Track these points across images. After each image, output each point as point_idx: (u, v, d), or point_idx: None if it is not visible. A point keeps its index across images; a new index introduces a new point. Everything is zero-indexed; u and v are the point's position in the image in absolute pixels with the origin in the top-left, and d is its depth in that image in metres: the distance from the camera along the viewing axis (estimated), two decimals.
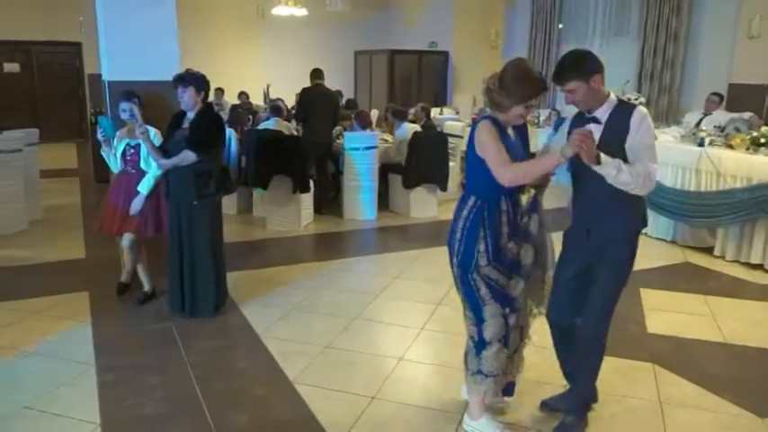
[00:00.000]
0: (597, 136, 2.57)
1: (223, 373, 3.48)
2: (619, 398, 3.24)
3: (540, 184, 2.76)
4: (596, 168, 2.48)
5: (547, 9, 11.39)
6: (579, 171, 2.65)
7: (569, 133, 2.62)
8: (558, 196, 3.01)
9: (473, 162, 2.68)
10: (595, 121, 2.64)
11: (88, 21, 9.97)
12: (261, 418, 3.03)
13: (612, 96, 2.66)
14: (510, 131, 2.76)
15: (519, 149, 2.73)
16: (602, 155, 2.46)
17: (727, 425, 3.02)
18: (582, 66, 2.58)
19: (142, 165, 4.24)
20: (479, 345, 2.78)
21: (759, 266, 5.31)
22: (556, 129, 2.86)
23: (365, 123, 7.25)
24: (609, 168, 2.48)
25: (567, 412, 2.93)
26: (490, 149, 2.57)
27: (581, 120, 2.72)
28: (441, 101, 12.62)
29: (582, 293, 2.79)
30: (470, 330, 2.81)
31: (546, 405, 3.10)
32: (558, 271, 2.86)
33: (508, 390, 3.06)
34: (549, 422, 2.98)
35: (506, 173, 2.53)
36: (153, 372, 3.45)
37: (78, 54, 13.20)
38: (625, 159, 2.54)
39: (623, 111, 2.61)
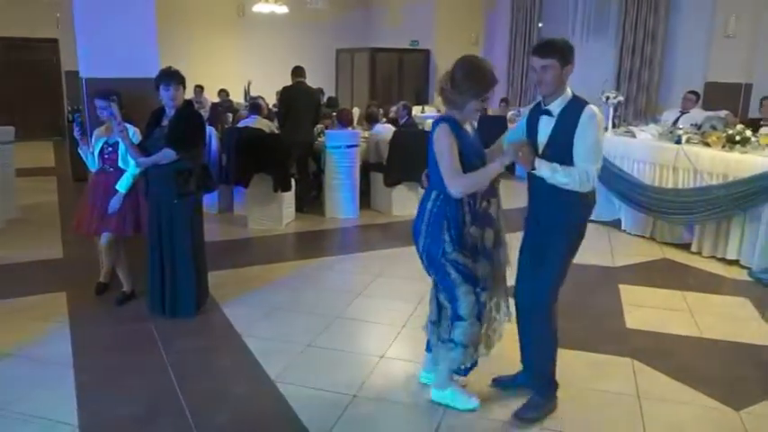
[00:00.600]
0: (549, 128, 2.79)
1: (204, 373, 3.45)
2: (598, 392, 3.28)
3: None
4: (533, 172, 2.75)
5: (527, 8, 11.47)
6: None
7: (528, 124, 2.90)
8: (517, 195, 3.11)
9: (434, 160, 2.83)
10: (548, 113, 2.81)
11: (65, 17, 9.84)
12: (242, 418, 3.01)
13: (569, 92, 2.81)
14: (468, 128, 2.91)
15: (477, 148, 2.92)
16: (537, 160, 2.73)
17: (704, 418, 3.07)
18: (566, 51, 2.76)
19: (120, 163, 4.20)
20: (453, 317, 2.95)
21: (735, 262, 5.40)
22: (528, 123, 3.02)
23: (346, 121, 7.25)
24: (544, 172, 2.72)
25: (533, 391, 3.06)
26: (445, 159, 2.76)
27: (536, 112, 2.89)
28: (422, 99, 12.64)
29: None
30: (447, 305, 2.97)
31: (497, 382, 3.29)
32: (519, 255, 3.06)
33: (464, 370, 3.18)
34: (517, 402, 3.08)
35: (455, 185, 2.74)
36: (132, 372, 3.42)
37: (55, 51, 13.00)
38: (572, 153, 2.71)
39: (575, 106, 2.76)
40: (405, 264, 5.29)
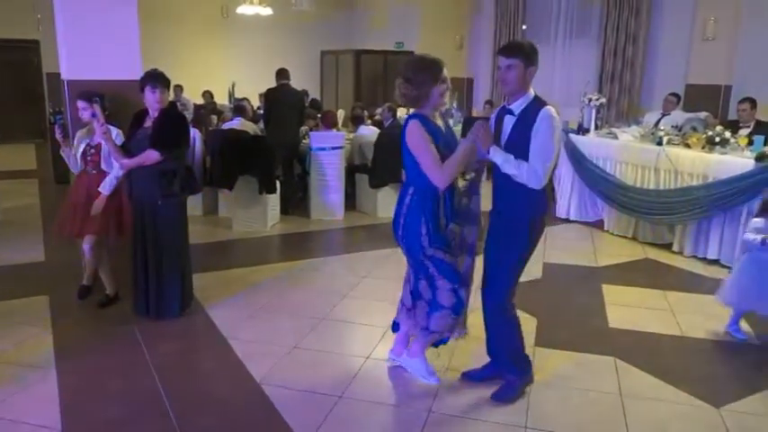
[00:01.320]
0: (510, 126, 2.90)
1: (188, 376, 3.44)
2: (581, 391, 3.31)
3: (479, 169, 3.11)
4: (488, 156, 2.89)
5: (511, 11, 11.52)
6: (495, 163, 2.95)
7: (495, 124, 3.01)
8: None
9: (408, 158, 2.97)
10: (510, 113, 2.92)
11: (46, 18, 9.73)
12: (227, 420, 3.00)
13: (531, 93, 2.91)
14: (440, 123, 3.04)
15: (450, 141, 3.02)
16: (493, 146, 2.88)
17: (685, 415, 3.12)
18: (530, 53, 2.87)
19: (103, 165, 4.16)
20: (433, 306, 3.10)
21: (715, 261, 5.47)
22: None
23: (331, 123, 7.25)
24: (497, 158, 2.86)
25: (507, 372, 3.18)
26: (422, 155, 2.88)
27: (501, 112, 3.00)
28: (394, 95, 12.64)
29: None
30: (426, 293, 3.09)
31: (466, 376, 3.36)
32: (485, 250, 3.12)
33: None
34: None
35: (438, 175, 2.86)
36: (116, 375, 3.39)
37: (37, 52, 12.85)
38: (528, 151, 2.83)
39: (535, 107, 2.86)
40: (390, 265, 5.31)
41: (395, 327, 3.47)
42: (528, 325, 4.12)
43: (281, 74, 7.23)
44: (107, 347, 3.76)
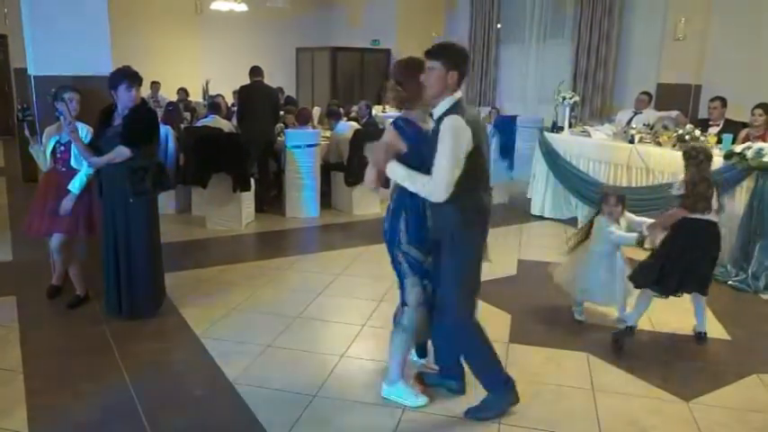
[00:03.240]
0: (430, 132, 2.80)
1: (160, 377, 3.39)
2: (553, 387, 3.34)
3: None
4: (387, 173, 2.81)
5: (486, 10, 11.59)
6: None
7: None
8: None
9: (415, 152, 2.84)
10: (431, 117, 2.83)
11: (14, 12, 9.51)
12: (200, 421, 2.97)
13: (454, 98, 2.70)
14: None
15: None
16: (390, 163, 2.78)
17: (655, 409, 3.16)
18: (455, 56, 2.70)
19: (73, 163, 4.08)
20: (402, 301, 3.09)
21: None
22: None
23: (305, 120, 7.22)
24: (393, 175, 2.80)
25: (487, 390, 3.06)
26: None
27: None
28: (383, 98, 12.67)
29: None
30: (401, 294, 3.08)
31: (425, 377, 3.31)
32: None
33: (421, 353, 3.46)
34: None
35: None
36: (86, 377, 3.33)
37: (4, 47, 12.56)
38: None
39: (445, 114, 2.68)
40: (365, 263, 5.31)
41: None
42: (502, 321, 4.15)
43: (255, 71, 7.18)
44: (77, 348, 3.69)
